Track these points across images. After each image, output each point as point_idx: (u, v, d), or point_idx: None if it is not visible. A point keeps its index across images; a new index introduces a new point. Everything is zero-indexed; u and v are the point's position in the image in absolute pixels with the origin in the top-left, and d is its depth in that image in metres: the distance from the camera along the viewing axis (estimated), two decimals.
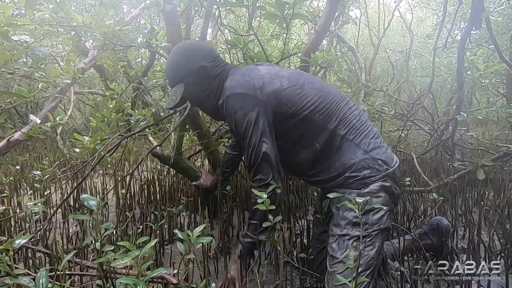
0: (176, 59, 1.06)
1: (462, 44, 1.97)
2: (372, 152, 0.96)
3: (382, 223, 0.92)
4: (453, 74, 3.45)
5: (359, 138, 0.97)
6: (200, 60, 1.05)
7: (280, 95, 0.95)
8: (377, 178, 0.94)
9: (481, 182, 1.99)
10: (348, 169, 0.95)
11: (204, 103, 1.11)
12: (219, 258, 1.33)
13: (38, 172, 1.53)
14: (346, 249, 0.91)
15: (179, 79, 1.05)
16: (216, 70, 1.06)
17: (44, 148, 3.60)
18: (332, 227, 0.98)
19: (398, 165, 1.00)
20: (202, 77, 1.05)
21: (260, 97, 0.94)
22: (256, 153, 0.95)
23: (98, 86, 5.75)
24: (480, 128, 4.54)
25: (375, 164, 0.95)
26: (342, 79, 2.90)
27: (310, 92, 0.97)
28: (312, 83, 1.00)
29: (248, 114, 0.93)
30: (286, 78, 0.98)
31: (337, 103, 0.99)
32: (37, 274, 0.65)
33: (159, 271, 0.66)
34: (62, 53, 2.66)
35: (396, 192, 0.98)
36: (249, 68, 1.02)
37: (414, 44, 5.71)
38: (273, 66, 1.07)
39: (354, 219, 0.92)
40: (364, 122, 1.01)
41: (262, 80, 0.96)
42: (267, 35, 2.91)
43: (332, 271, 0.92)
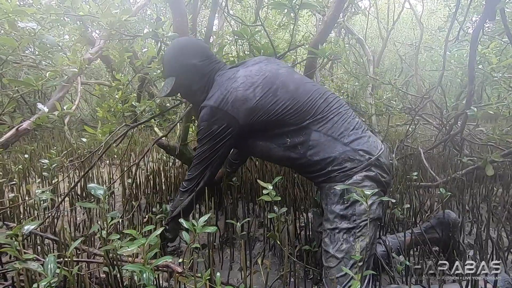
0: (171, 53, 1.14)
1: (475, 37, 1.92)
2: (352, 143, 0.97)
3: (371, 212, 0.93)
4: (463, 68, 3.36)
5: (337, 131, 0.98)
6: (192, 57, 1.12)
7: (250, 107, 0.99)
8: (360, 169, 0.95)
9: (490, 178, 1.96)
10: (329, 163, 0.97)
11: (192, 97, 1.20)
12: (223, 249, 1.34)
13: (46, 161, 1.55)
14: (337, 242, 0.92)
15: (171, 73, 1.14)
16: (206, 69, 1.13)
17: (52, 138, 3.65)
18: (323, 222, 1.00)
19: (383, 152, 0.99)
20: (192, 74, 1.12)
21: (230, 111, 0.99)
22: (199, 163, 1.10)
23: (105, 77, 5.77)
24: (490, 123, 4.46)
25: (356, 155, 0.96)
26: (349, 72, 2.85)
27: (282, 97, 0.99)
28: (287, 86, 1.02)
29: (212, 126, 1.02)
30: (260, 87, 1.00)
31: (313, 101, 1.01)
32: (45, 260, 0.66)
33: (164, 259, 0.67)
34: (69, 43, 2.66)
35: (383, 180, 0.98)
36: (228, 76, 1.06)
37: (424, 37, 5.58)
38: (254, 67, 1.08)
39: (342, 212, 0.94)
40: (343, 114, 1.03)
41: (235, 94, 1.00)
42: (274, 26, 2.87)
43: (327, 265, 0.93)
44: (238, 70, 1.07)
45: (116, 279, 0.85)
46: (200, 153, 1.09)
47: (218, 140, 1.04)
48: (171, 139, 2.12)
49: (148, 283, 0.61)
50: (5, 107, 1.08)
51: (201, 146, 1.08)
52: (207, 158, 1.08)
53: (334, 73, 4.77)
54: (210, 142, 1.05)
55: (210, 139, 1.04)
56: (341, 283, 0.89)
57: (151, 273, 0.63)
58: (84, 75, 5.37)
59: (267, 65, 1.08)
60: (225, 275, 1.14)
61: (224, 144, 1.05)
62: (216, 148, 1.06)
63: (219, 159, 1.10)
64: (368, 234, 0.92)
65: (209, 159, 1.08)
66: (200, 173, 1.11)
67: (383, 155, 0.99)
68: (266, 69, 1.05)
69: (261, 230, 1.54)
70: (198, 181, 1.12)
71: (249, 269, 1.04)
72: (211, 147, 1.06)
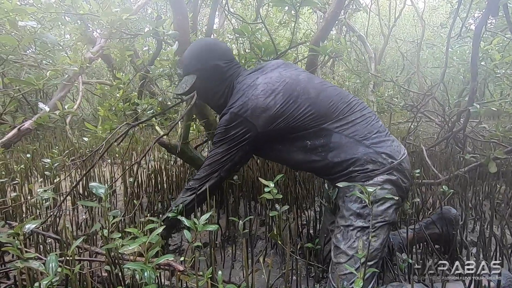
0: (196, 50, 1.12)
1: (477, 33, 1.90)
2: (374, 146, 0.96)
3: (387, 215, 0.93)
4: (465, 65, 3.34)
5: (360, 134, 0.98)
6: (217, 58, 1.11)
7: (271, 114, 0.98)
8: (381, 171, 0.94)
9: (493, 175, 1.95)
10: (351, 164, 0.96)
11: (210, 100, 1.18)
12: (225, 247, 1.34)
13: (48, 160, 1.55)
14: (350, 239, 0.92)
15: (193, 70, 1.11)
16: (228, 72, 1.12)
17: (53, 138, 3.66)
18: (338, 219, 0.99)
19: (405, 157, 0.99)
20: (214, 75, 1.11)
21: (249, 118, 0.99)
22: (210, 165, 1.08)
23: (106, 77, 5.77)
24: (493, 120, 4.43)
25: (379, 158, 0.95)
26: (351, 70, 2.84)
27: (303, 104, 0.99)
28: (308, 92, 1.01)
29: (230, 131, 1.02)
30: (281, 94, 0.99)
31: (334, 105, 1.00)
32: (47, 258, 0.66)
33: (166, 257, 0.66)
34: (69, 43, 2.66)
35: (403, 185, 0.97)
36: (248, 83, 1.05)
37: (426, 34, 5.55)
38: (273, 73, 1.06)
39: (358, 210, 0.93)
40: (367, 117, 1.01)
41: (256, 101, 0.99)
42: (275, 24, 2.85)
43: (336, 261, 0.93)
44: (258, 77, 1.06)
45: (118, 278, 0.85)
46: (213, 155, 1.07)
47: (234, 144, 1.03)
48: (173, 138, 2.12)
49: (150, 281, 0.61)
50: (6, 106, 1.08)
51: (216, 148, 1.07)
52: (219, 161, 1.06)
53: (335, 71, 4.75)
54: (226, 146, 1.04)
55: (226, 142, 1.04)
56: (349, 280, 0.89)
57: (152, 271, 0.63)
58: (85, 74, 5.38)
59: (286, 70, 1.07)
60: (227, 274, 1.13)
61: (240, 149, 1.04)
62: (230, 152, 1.04)
63: (231, 164, 1.08)
64: (382, 235, 0.92)
65: (221, 162, 1.06)
66: (209, 174, 1.09)
67: (405, 160, 0.99)
68: (286, 75, 1.04)
69: (262, 228, 1.54)
70: (205, 182, 1.10)
71: (251, 268, 1.04)
72: (226, 151, 1.04)
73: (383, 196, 0.92)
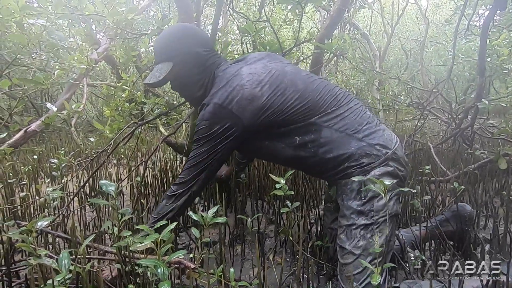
0: (172, 36, 1.01)
1: (485, 28, 1.88)
2: (367, 138, 0.93)
3: (389, 208, 0.90)
4: (471, 62, 3.31)
5: (350, 127, 0.94)
6: (197, 45, 1.01)
7: (258, 106, 0.92)
8: (377, 164, 0.91)
9: (503, 171, 1.92)
10: (345, 160, 0.93)
11: (186, 91, 1.07)
12: (234, 246, 1.33)
13: (55, 161, 1.56)
14: (354, 239, 0.89)
15: (169, 57, 1.00)
16: (209, 61, 1.03)
17: (59, 140, 3.68)
18: (339, 218, 0.96)
19: (398, 145, 0.96)
20: (194, 63, 1.01)
21: (234, 110, 0.91)
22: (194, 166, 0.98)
23: (110, 79, 5.80)
24: (499, 118, 4.38)
25: (373, 150, 0.92)
26: (356, 67, 2.82)
27: (291, 96, 0.94)
28: (295, 84, 0.96)
29: (213, 126, 0.93)
30: (268, 85, 0.94)
31: (322, 100, 0.96)
32: (59, 256, 0.66)
33: (179, 254, 0.66)
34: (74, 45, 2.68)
35: (401, 174, 0.95)
36: (232, 72, 0.98)
37: (429, 32, 5.51)
38: (258, 64, 1.01)
39: (359, 208, 0.90)
40: (355, 109, 0.98)
41: (241, 92, 0.92)
42: (279, 22, 2.85)
43: (343, 262, 0.91)
44: (242, 67, 0.99)
45: (128, 276, 0.84)
46: (197, 154, 0.98)
47: (218, 141, 0.95)
48: (178, 138, 2.11)
49: (163, 277, 0.60)
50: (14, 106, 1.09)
51: (199, 147, 0.98)
52: (204, 161, 0.98)
53: (340, 69, 4.73)
54: (210, 143, 0.96)
55: (210, 139, 0.95)
56: (358, 280, 0.87)
57: (166, 268, 0.62)
58: (89, 77, 5.41)
59: (271, 62, 1.02)
60: (237, 272, 1.12)
61: (225, 146, 0.96)
62: (215, 150, 0.96)
63: (217, 163, 1.00)
64: (386, 230, 0.89)
65: (206, 162, 0.98)
66: (193, 177, 0.99)
67: (399, 148, 0.96)
68: (271, 67, 0.99)
69: (271, 226, 1.53)
70: (190, 186, 0.99)
71: (261, 265, 1.02)
72: (210, 149, 0.96)
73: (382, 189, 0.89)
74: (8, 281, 0.87)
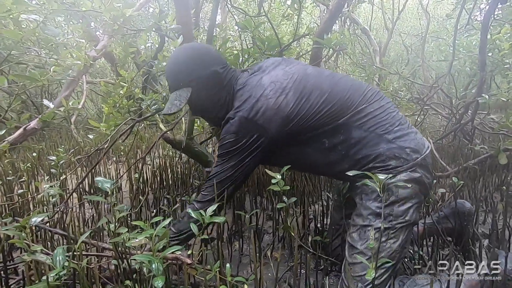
0: (186, 59, 0.97)
1: (486, 22, 1.86)
2: (398, 140, 0.88)
3: (407, 215, 0.86)
4: (472, 57, 3.28)
5: (381, 127, 0.89)
6: (213, 64, 0.97)
7: (284, 115, 0.89)
8: (405, 168, 0.86)
9: (502, 167, 1.91)
10: (372, 160, 0.89)
11: (209, 112, 1.03)
12: (232, 242, 1.33)
13: (53, 157, 1.56)
14: (367, 240, 0.86)
15: (186, 83, 0.96)
16: (227, 77, 0.99)
17: (59, 137, 3.68)
18: (354, 217, 0.93)
19: (429, 151, 0.91)
20: (213, 83, 0.97)
21: (260, 122, 0.89)
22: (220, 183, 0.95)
23: (110, 76, 5.80)
24: (499, 113, 4.35)
25: (403, 154, 0.87)
26: (355, 63, 2.80)
27: (317, 101, 0.90)
28: (321, 87, 0.92)
29: (240, 139, 0.90)
30: (292, 92, 0.90)
31: (350, 100, 0.91)
32: (54, 252, 0.65)
33: (173, 249, 0.65)
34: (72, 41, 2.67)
35: (427, 182, 0.90)
36: (253, 84, 0.94)
37: (431, 27, 5.46)
38: (277, 71, 0.96)
39: (378, 210, 0.86)
40: (386, 109, 0.92)
41: (266, 102, 0.89)
42: (278, 18, 2.83)
43: (351, 261, 0.88)
44: (262, 77, 0.95)
45: (125, 272, 0.84)
46: (223, 170, 0.94)
47: (245, 155, 0.91)
48: (177, 135, 2.11)
49: (158, 273, 0.60)
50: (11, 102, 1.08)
51: (224, 162, 0.93)
52: (230, 177, 0.94)
53: (340, 65, 4.70)
54: (237, 157, 0.92)
55: (237, 153, 0.92)
56: (364, 282, 0.84)
57: (160, 263, 0.62)
58: (89, 74, 5.41)
59: (289, 67, 0.97)
60: (234, 268, 1.13)
61: (252, 159, 0.92)
62: (242, 164, 0.93)
63: (243, 177, 0.96)
64: (401, 237, 0.86)
65: (232, 178, 0.94)
66: (219, 194, 0.95)
67: (429, 155, 0.92)
68: (292, 71, 0.94)
69: (269, 222, 1.53)
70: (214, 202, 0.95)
71: (258, 261, 1.03)
72: (237, 163, 0.92)
73: (405, 196, 0.86)
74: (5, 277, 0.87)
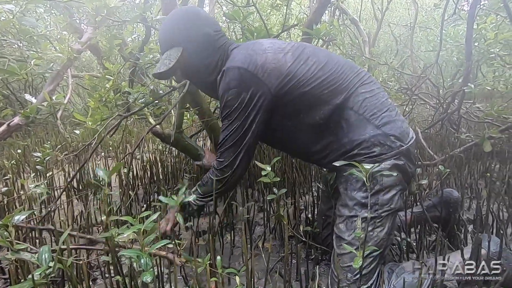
0: (177, 20, 0.96)
1: (472, 12, 1.88)
2: (384, 127, 0.88)
3: (393, 203, 0.87)
4: (459, 46, 3.32)
5: (369, 112, 0.89)
6: (205, 26, 0.96)
7: (283, 72, 0.89)
8: (389, 156, 0.87)
9: (487, 154, 1.96)
10: (357, 146, 0.88)
11: (200, 76, 1.01)
12: (224, 234, 1.33)
13: (39, 154, 1.52)
14: (354, 230, 0.87)
15: (177, 43, 0.95)
16: (220, 41, 0.98)
17: (45, 133, 3.59)
18: (339, 207, 0.93)
19: (413, 141, 0.92)
20: (205, 45, 0.96)
21: (260, 76, 0.87)
22: (233, 145, 0.93)
23: (96, 70, 5.66)
24: (485, 102, 4.45)
25: (387, 141, 0.87)
26: (345, 53, 2.80)
27: (314, 67, 0.90)
28: (317, 56, 0.92)
29: (241, 94, 0.87)
30: (290, 53, 0.91)
31: (345, 75, 0.91)
32: (39, 250, 0.64)
33: (162, 243, 0.65)
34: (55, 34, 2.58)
35: (410, 171, 0.91)
36: (251, 42, 0.95)
37: (419, 17, 5.49)
38: (275, 40, 0.99)
39: (363, 200, 0.87)
40: (377, 93, 0.92)
41: (265, 56, 0.88)
42: (267, 8, 2.79)
43: (339, 252, 0.88)
44: (259, 40, 0.96)
45: (116, 267, 0.84)
46: (232, 132, 0.90)
47: (249, 112, 0.88)
48: (167, 128, 2.08)
49: (146, 268, 0.60)
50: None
51: (231, 122, 0.90)
52: (241, 138, 0.90)
53: None
54: (242, 115, 0.88)
55: (241, 110, 0.88)
56: (353, 272, 0.85)
57: (149, 258, 0.62)
58: (75, 68, 5.26)
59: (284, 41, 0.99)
60: (226, 260, 1.13)
61: (257, 117, 0.89)
62: (249, 122, 0.89)
63: (254, 139, 0.92)
64: (387, 224, 0.87)
65: (244, 138, 0.91)
66: (235, 157, 0.93)
67: (413, 144, 0.92)
68: (289, 42, 0.96)
69: (260, 214, 1.54)
70: (235, 168, 0.94)
71: (250, 253, 1.03)
72: (244, 122, 0.89)
73: (390, 184, 0.87)
74: None
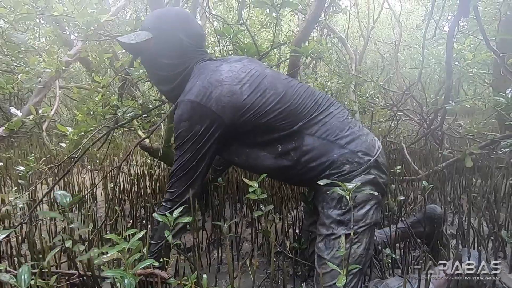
0: (164, 13, 1.00)
1: (451, 33, 1.98)
2: (349, 145, 0.92)
3: (368, 218, 0.89)
4: (441, 65, 3.47)
5: (332, 134, 0.93)
6: (182, 32, 0.97)
7: (238, 104, 0.90)
8: (359, 172, 0.90)
9: (469, 169, 2.02)
10: (327, 167, 0.91)
11: (158, 75, 1.01)
12: (211, 251, 1.31)
13: (21, 168, 1.48)
14: (333, 248, 0.88)
15: (150, 29, 0.97)
16: (191, 53, 0.99)
17: (30, 145, 3.50)
18: (318, 226, 0.94)
19: (380, 151, 0.95)
20: (173, 46, 0.97)
21: (214, 109, 0.88)
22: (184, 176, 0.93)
23: (85, 81, 5.61)
24: (467, 118, 4.63)
25: (355, 158, 0.90)
26: (332, 70, 2.89)
27: (271, 99, 0.92)
28: (275, 87, 0.94)
29: (194, 126, 0.89)
30: (247, 84, 0.92)
31: (303, 103, 0.94)
32: (18, 270, 0.62)
33: (147, 263, 0.64)
34: (44, 46, 2.56)
35: (382, 181, 0.93)
36: (211, 68, 0.95)
37: (403, 36, 5.74)
38: (238, 63, 0.99)
39: (339, 218, 0.89)
40: (336, 114, 0.96)
41: (220, 88, 0.89)
42: (257, 26, 2.87)
43: (320, 271, 0.89)
44: (221, 64, 0.96)
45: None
46: (184, 162, 0.92)
47: (202, 143, 0.90)
48: (155, 142, 2.07)
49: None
50: None
51: (183, 153, 0.92)
52: (193, 168, 0.92)
53: (318, 72, 4.82)
54: (194, 146, 0.90)
55: (194, 142, 0.90)
56: None
57: (133, 278, 0.61)
58: (63, 79, 5.20)
59: (250, 63, 1.00)
60: (213, 278, 1.11)
61: (210, 149, 0.91)
62: (202, 154, 0.91)
63: (206, 168, 0.95)
64: (364, 240, 0.89)
65: (195, 169, 0.93)
66: (186, 188, 0.93)
67: (381, 154, 0.95)
68: (251, 67, 0.97)
69: (249, 230, 1.53)
70: (185, 199, 0.94)
71: (236, 270, 1.02)
72: (196, 153, 0.91)
73: (363, 199, 0.89)
74: None
